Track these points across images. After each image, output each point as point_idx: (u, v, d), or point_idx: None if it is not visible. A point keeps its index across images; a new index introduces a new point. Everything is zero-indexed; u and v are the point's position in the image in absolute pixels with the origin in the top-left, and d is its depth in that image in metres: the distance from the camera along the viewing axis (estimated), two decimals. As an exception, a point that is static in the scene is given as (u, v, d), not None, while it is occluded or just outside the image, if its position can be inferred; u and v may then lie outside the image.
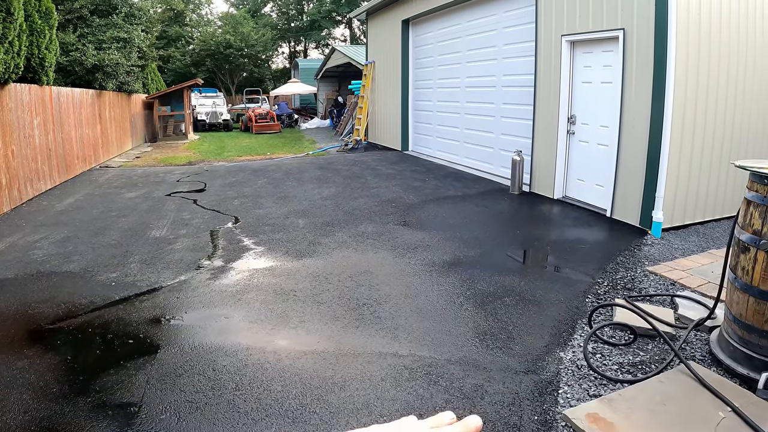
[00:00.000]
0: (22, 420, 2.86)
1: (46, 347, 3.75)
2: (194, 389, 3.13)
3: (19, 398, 3.06)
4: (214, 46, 36.78)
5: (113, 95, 14.71)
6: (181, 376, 3.27)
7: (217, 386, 3.16)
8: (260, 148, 16.76)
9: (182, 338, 3.80)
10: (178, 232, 6.57)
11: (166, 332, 3.94)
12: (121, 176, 11.24)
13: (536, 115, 7.96)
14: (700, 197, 6.00)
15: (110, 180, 10.75)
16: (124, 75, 14.62)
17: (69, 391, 3.15)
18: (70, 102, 11.05)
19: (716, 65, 5.66)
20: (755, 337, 2.97)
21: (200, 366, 3.39)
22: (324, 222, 6.89)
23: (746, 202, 3.07)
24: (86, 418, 2.88)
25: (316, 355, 3.50)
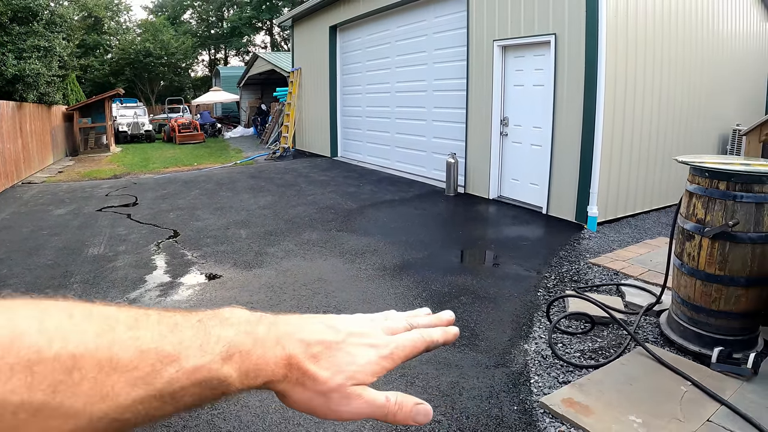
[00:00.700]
0: None
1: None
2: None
3: None
4: (133, 55, 35.27)
5: (34, 107, 13.79)
6: None
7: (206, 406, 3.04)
8: (186, 158, 16.24)
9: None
10: (117, 248, 6.25)
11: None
12: (47, 192, 10.56)
13: (469, 118, 8.21)
14: (630, 192, 6.41)
15: (36, 197, 10.06)
16: (44, 86, 13.76)
17: None
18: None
19: (642, 67, 6.08)
20: (704, 316, 3.21)
21: (166, 385, 3.25)
22: (266, 231, 6.78)
23: (688, 194, 3.32)
24: None
25: (287, 365, 3.44)
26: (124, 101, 25.38)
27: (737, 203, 3.00)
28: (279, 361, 0.48)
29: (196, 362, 0.43)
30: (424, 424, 0.55)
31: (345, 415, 0.51)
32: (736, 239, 3.02)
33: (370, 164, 11.93)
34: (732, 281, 3.06)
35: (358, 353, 0.53)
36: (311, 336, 0.52)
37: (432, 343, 0.58)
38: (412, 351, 0.56)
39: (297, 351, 0.49)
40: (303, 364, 0.49)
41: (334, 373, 0.50)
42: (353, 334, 0.55)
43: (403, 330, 0.59)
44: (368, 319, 0.60)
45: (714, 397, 2.76)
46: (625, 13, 5.83)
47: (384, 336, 0.56)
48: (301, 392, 0.50)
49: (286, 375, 0.49)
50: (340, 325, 0.55)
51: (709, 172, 3.11)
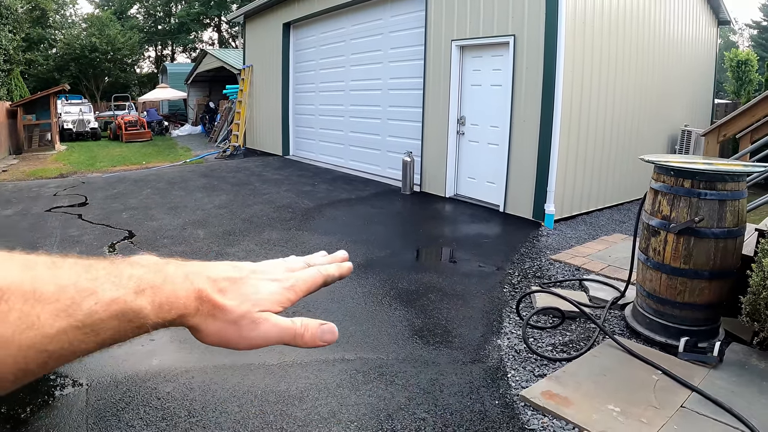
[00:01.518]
0: None
1: None
2: (144, 423, 2.85)
3: None
4: (79, 50, 33.68)
5: None
6: (124, 409, 2.97)
7: (168, 416, 2.91)
8: (134, 157, 15.74)
9: (111, 367, 3.45)
10: (70, 250, 5.96)
11: (89, 362, 3.52)
12: None
13: (425, 117, 8.28)
14: (585, 190, 6.63)
15: None
16: None
17: None
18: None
19: (597, 69, 6.30)
20: (669, 308, 3.36)
21: (142, 396, 3.11)
22: (224, 231, 6.63)
23: (653, 192, 3.46)
24: None
25: (263, 369, 3.38)
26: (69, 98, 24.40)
27: (701, 200, 3.14)
28: (189, 294, 0.51)
29: (112, 295, 0.46)
30: (331, 343, 0.61)
31: (256, 340, 0.55)
32: (700, 234, 3.16)
33: (324, 163, 11.85)
34: (696, 274, 3.21)
35: (261, 285, 0.57)
36: (217, 273, 0.55)
37: (329, 276, 0.64)
38: (312, 284, 0.62)
39: (205, 285, 0.53)
40: (212, 296, 0.53)
41: (240, 302, 0.54)
42: (256, 272, 0.59)
43: (302, 269, 0.64)
44: (270, 262, 0.64)
45: (685, 385, 2.88)
46: (582, 17, 6.03)
47: (286, 273, 0.62)
48: (212, 324, 0.53)
49: (197, 308, 0.52)
50: (244, 265, 0.60)
51: (674, 170, 3.25)
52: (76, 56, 34.09)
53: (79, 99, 26.37)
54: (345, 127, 11.00)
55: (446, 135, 7.85)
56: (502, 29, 6.60)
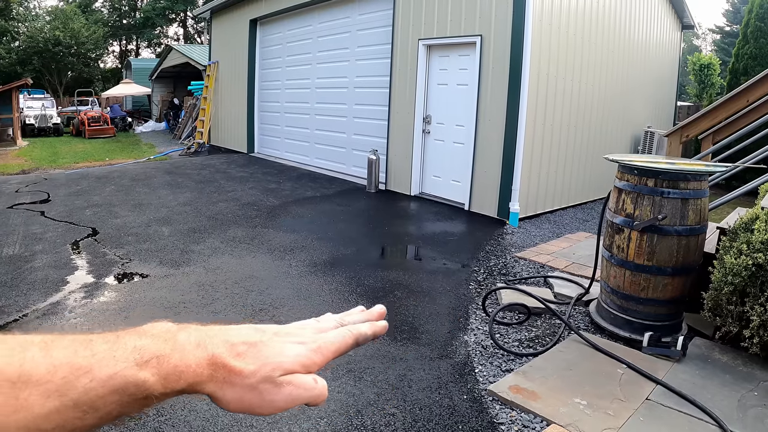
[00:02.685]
0: None
1: None
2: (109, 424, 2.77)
3: None
4: (42, 43, 32.51)
5: None
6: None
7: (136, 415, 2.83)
8: (97, 153, 15.35)
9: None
10: (33, 248, 5.74)
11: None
12: None
13: (391, 115, 8.28)
14: (549, 189, 6.73)
15: None
16: None
17: None
18: None
19: (564, 71, 6.41)
20: (633, 304, 3.42)
21: (102, 393, 3.01)
22: (189, 229, 6.49)
23: (617, 191, 3.52)
24: None
25: (227, 365, 3.31)
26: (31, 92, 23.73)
27: (665, 199, 3.22)
28: (201, 362, 0.49)
29: (110, 371, 0.45)
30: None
31: (280, 403, 0.52)
32: (663, 232, 3.24)
33: (289, 161, 11.74)
34: (659, 271, 3.28)
35: (286, 348, 0.54)
36: (236, 337, 0.53)
37: (361, 336, 0.61)
38: (341, 345, 0.59)
39: (220, 350, 0.50)
40: (227, 361, 0.50)
41: (260, 366, 0.51)
42: (280, 334, 0.56)
43: (333, 329, 0.61)
44: (299, 324, 0.61)
45: (650, 378, 2.94)
46: (549, 18, 6.12)
47: (313, 334, 0.59)
48: (230, 390, 0.51)
49: (211, 375, 0.50)
50: (267, 328, 0.57)
51: (638, 170, 3.32)
52: (39, 50, 33.02)
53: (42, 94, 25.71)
54: (310, 124, 10.92)
55: (412, 133, 7.87)
56: (469, 29, 6.65)
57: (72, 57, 34.68)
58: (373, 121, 9.01)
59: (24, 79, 19.24)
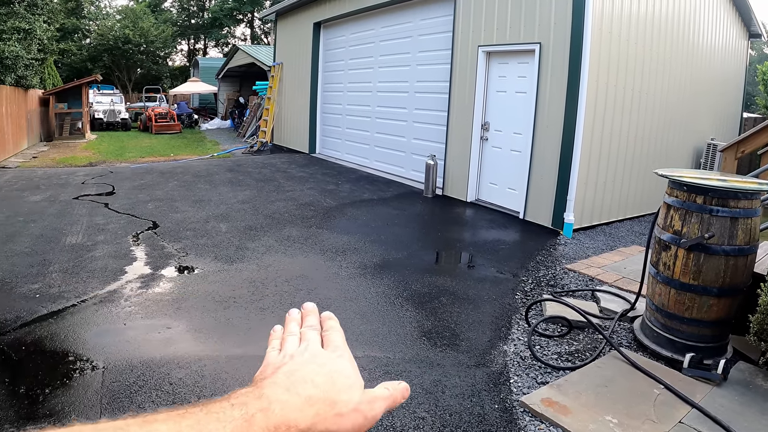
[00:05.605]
0: None
1: None
2: (155, 405, 2.96)
3: None
4: (112, 41, 34.52)
5: (10, 90, 13.41)
6: (137, 392, 3.09)
7: (178, 400, 3.02)
8: (162, 148, 16.04)
9: (127, 351, 3.58)
10: (95, 238, 6.17)
11: (108, 346, 3.67)
12: (21, 178, 10.31)
13: (450, 121, 8.31)
14: (606, 200, 6.59)
15: (10, 182, 9.82)
16: (23, 69, 13.41)
17: (16, 416, 2.84)
18: (-34, 97, 9.99)
19: (623, 80, 6.27)
20: (677, 323, 3.35)
21: (155, 380, 3.22)
22: (246, 226, 6.76)
23: (666, 206, 3.46)
24: None
25: (271, 360, 3.47)
26: (101, 88, 25.00)
27: (713, 217, 3.14)
28: (300, 404, 0.51)
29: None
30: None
31: (378, 411, 0.57)
32: (710, 251, 3.16)
33: (349, 162, 11.96)
34: (705, 291, 3.20)
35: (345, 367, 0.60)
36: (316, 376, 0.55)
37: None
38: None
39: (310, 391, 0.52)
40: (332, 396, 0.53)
41: (350, 394, 0.56)
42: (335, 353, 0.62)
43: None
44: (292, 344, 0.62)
45: (686, 400, 2.89)
46: (609, 26, 6.01)
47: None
48: (340, 420, 0.52)
49: (317, 413, 0.51)
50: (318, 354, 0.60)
51: (687, 186, 3.25)
52: (110, 47, 34.84)
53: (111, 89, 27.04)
54: (371, 127, 11.09)
55: (470, 140, 7.88)
56: (528, 36, 6.61)
57: (141, 55, 36.40)
58: (432, 126, 9.07)
59: (94, 75, 20.36)
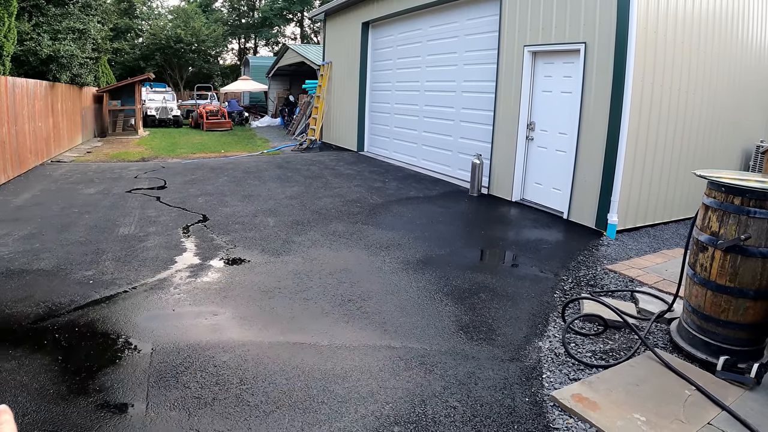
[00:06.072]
0: (22, 423, 2.84)
1: (33, 347, 3.66)
2: (199, 385, 3.19)
3: (14, 401, 3.00)
4: (164, 40, 35.85)
5: (66, 88, 14.24)
6: (183, 372, 3.33)
7: (221, 381, 3.24)
8: (213, 145, 16.60)
9: (175, 335, 3.85)
10: (147, 229, 6.55)
11: (157, 330, 3.96)
12: (76, 171, 10.97)
13: (496, 120, 8.36)
14: (651, 202, 6.52)
15: (65, 175, 10.47)
16: (78, 67, 14.17)
17: (67, 391, 3.11)
18: (24, 93, 10.65)
19: (669, 80, 6.19)
20: (712, 326, 3.36)
21: (200, 362, 3.46)
22: (293, 221, 7.02)
23: (704, 207, 3.47)
24: (91, 418, 2.87)
25: (313, 349, 3.68)
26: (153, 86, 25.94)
27: (750, 218, 3.14)
28: None
29: None
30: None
31: None
32: (747, 253, 3.16)
33: (396, 161, 12.13)
34: (741, 293, 3.21)
35: None
36: None
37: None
38: None
39: None
40: None
41: None
42: None
43: None
44: None
45: (716, 402, 2.92)
46: (654, 25, 5.94)
47: None
48: None
49: None
50: None
51: (725, 187, 3.26)
52: (162, 46, 36.08)
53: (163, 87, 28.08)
54: (418, 126, 11.22)
55: (515, 139, 7.91)
56: (573, 36, 6.60)
57: (192, 53, 37.54)
58: (478, 126, 9.13)
59: (147, 74, 21.17)
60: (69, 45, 13.17)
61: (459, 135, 9.84)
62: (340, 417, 2.90)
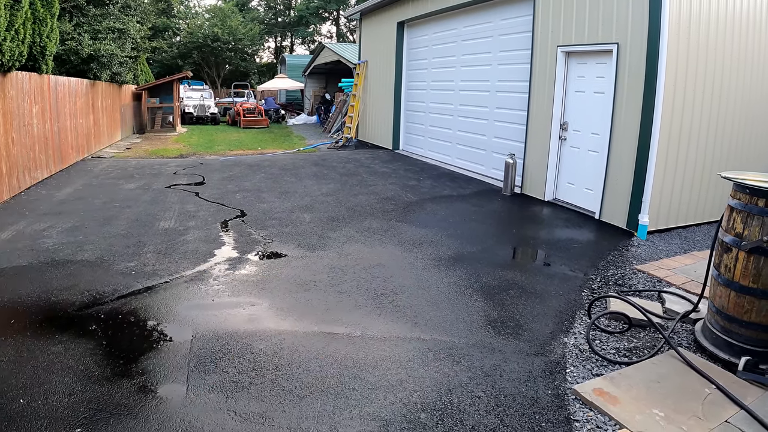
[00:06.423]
0: (69, 401, 3.04)
1: (78, 333, 3.91)
2: (236, 371, 3.42)
3: (61, 381, 3.23)
4: (201, 39, 36.67)
5: (106, 86, 14.81)
6: (221, 359, 3.56)
7: (258, 368, 3.46)
8: (250, 142, 16.97)
9: (214, 324, 4.09)
10: (186, 223, 6.85)
11: (196, 318, 4.20)
12: (116, 167, 11.43)
13: (529, 120, 8.43)
14: (683, 203, 6.52)
15: (105, 170, 10.93)
16: (117, 66, 14.70)
17: (111, 373, 3.35)
18: (66, 91, 11.18)
19: (702, 81, 6.18)
20: (735, 326, 3.44)
21: (238, 349, 3.69)
22: (329, 217, 7.24)
23: (729, 209, 3.54)
24: (134, 398, 3.09)
25: (346, 339, 3.88)
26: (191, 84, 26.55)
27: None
28: None
29: None
30: None
31: None
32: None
33: (431, 159, 12.27)
34: (764, 294, 3.27)
35: None
36: None
37: None
38: None
39: None
40: None
41: None
42: None
43: None
44: None
45: (735, 401, 3.00)
46: (687, 25, 5.94)
47: None
48: None
49: None
50: None
51: (749, 188, 3.33)
52: (199, 45, 36.85)
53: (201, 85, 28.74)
54: (453, 125, 11.34)
55: (548, 139, 7.97)
56: (606, 37, 6.64)
57: (229, 52, 38.23)
58: (512, 125, 9.21)
59: (185, 72, 21.68)
60: (109, 44, 13.66)
61: (493, 134, 9.92)
62: (369, 402, 3.09)
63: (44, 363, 3.44)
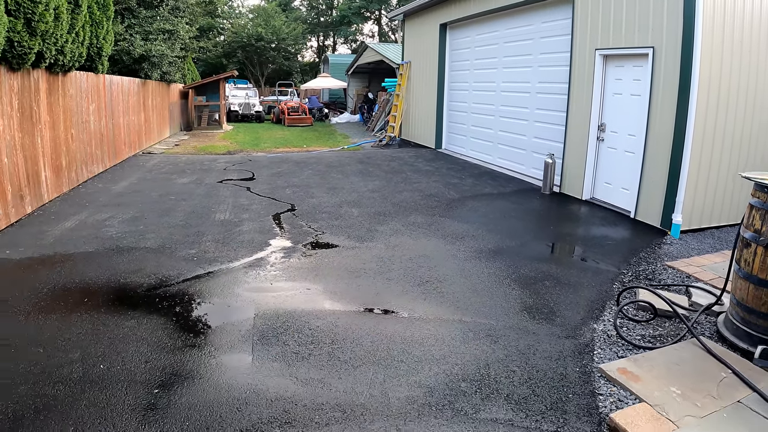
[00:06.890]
0: (145, 368, 3.49)
1: (148, 310, 4.39)
2: (296, 343, 3.88)
3: (137, 350, 3.71)
4: (245, 38, 37.62)
5: (155, 84, 15.53)
6: (282, 333, 4.03)
7: (315, 341, 3.93)
8: (295, 140, 17.53)
9: (273, 304, 4.56)
10: (240, 216, 7.38)
11: (257, 299, 4.67)
12: (167, 162, 12.10)
13: (568, 121, 8.70)
14: (716, 204, 6.73)
15: (157, 165, 11.60)
16: (167, 65, 15.38)
17: (182, 344, 3.82)
18: (119, 90, 11.89)
19: (736, 83, 6.38)
20: (754, 317, 3.74)
21: (297, 326, 4.16)
22: (376, 212, 7.69)
23: (750, 207, 3.84)
24: (204, 365, 3.55)
25: (395, 319, 4.33)
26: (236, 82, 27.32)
27: (789, 220, 3.50)
28: None
29: None
30: None
31: None
32: (785, 251, 3.52)
33: (473, 158, 12.61)
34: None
35: None
36: None
37: None
38: None
39: None
40: None
41: None
42: None
43: None
44: None
45: (747, 384, 3.31)
46: (721, 28, 6.15)
47: None
48: None
49: None
50: None
51: (767, 188, 3.62)
52: (243, 44, 37.73)
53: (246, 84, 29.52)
54: (494, 125, 11.65)
55: (586, 140, 8.24)
56: (642, 41, 6.89)
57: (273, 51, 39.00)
58: (551, 126, 9.49)
59: (230, 71, 22.32)
60: (159, 45, 14.32)
61: (533, 135, 10.22)
62: (416, 373, 3.53)
63: (119, 335, 3.92)
